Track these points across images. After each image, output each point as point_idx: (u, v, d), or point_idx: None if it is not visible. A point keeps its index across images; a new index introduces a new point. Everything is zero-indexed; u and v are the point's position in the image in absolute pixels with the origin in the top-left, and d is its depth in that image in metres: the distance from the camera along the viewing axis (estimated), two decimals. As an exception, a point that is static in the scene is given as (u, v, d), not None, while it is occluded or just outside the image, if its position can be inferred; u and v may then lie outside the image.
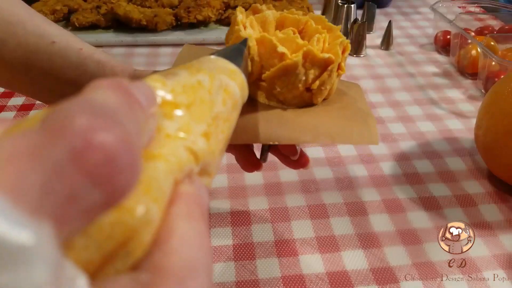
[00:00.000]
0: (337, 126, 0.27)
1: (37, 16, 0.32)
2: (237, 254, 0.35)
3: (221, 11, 0.73)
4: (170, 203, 0.12)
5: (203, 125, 0.16)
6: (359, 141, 0.27)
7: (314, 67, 0.26)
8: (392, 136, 0.49)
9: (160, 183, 0.12)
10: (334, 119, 0.28)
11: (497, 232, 0.37)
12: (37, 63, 0.31)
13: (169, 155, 0.13)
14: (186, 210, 0.12)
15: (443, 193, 0.41)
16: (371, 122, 0.28)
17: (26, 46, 0.30)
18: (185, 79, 0.16)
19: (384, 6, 0.85)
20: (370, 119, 0.28)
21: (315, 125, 0.27)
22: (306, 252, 0.35)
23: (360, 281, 0.32)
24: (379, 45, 0.70)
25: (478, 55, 0.57)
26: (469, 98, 0.56)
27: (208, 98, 0.17)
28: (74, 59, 0.31)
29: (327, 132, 0.27)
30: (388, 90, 0.58)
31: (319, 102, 0.29)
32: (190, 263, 0.11)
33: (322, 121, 0.27)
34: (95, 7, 0.72)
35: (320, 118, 0.27)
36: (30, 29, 0.30)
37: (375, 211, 0.39)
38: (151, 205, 0.11)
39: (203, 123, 0.16)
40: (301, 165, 0.34)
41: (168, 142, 0.14)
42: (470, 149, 0.47)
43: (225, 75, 0.19)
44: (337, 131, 0.27)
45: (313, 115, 0.28)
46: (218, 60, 0.20)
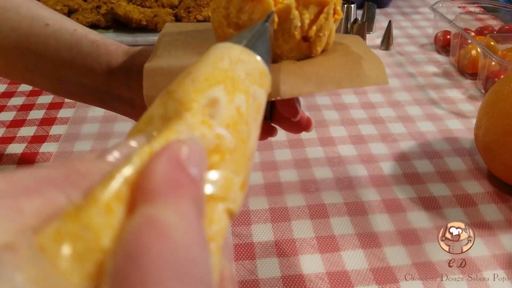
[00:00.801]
0: (341, 71, 0.25)
1: (30, 1, 0.32)
2: (237, 254, 0.35)
3: (221, 11, 0.73)
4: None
5: (242, 174, 0.13)
6: (368, 83, 0.25)
7: (309, 9, 0.24)
8: (392, 136, 0.49)
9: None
10: (338, 65, 0.26)
11: (497, 232, 0.37)
12: (32, 46, 0.30)
13: (216, 234, 0.11)
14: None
15: (443, 193, 0.41)
16: (377, 63, 0.26)
17: (20, 30, 0.30)
18: (226, 110, 0.13)
19: (384, 6, 0.85)
20: (375, 60, 0.26)
21: (318, 74, 0.25)
22: (306, 252, 0.35)
23: (360, 281, 0.32)
24: (379, 45, 0.70)
25: (478, 55, 0.57)
26: (469, 98, 0.56)
27: (246, 132, 0.14)
28: (69, 40, 0.31)
29: (332, 78, 0.24)
30: (388, 90, 0.58)
31: (318, 53, 0.26)
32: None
33: (325, 69, 0.25)
34: (95, 7, 0.72)
35: (322, 66, 0.25)
36: (23, 13, 0.30)
37: (375, 211, 0.39)
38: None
39: (242, 171, 0.13)
40: (304, 127, 0.32)
41: (212, 209, 0.12)
42: (470, 149, 0.47)
43: (256, 85, 0.15)
44: (342, 76, 0.25)
45: (314, 64, 0.25)
46: (248, 56, 0.16)
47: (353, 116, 0.52)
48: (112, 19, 0.70)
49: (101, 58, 0.31)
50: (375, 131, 0.49)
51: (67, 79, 0.32)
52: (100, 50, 0.32)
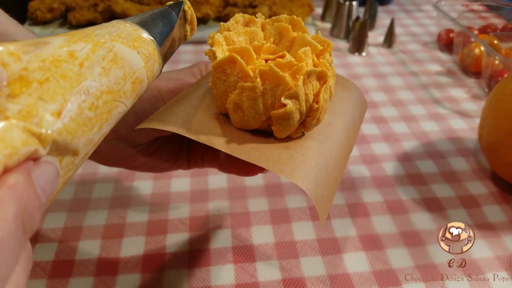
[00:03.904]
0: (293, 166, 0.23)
1: (2, 15, 0.30)
2: (237, 256, 0.34)
3: (220, 9, 0.72)
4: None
5: (56, 103, 0.15)
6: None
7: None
8: (394, 135, 0.48)
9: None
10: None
11: (500, 233, 0.36)
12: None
13: (5, 147, 0.13)
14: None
15: (446, 194, 0.40)
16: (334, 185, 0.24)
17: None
18: (51, 51, 0.16)
19: (386, 3, 0.84)
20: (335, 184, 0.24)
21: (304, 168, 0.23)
22: (307, 254, 0.34)
23: (362, 283, 0.32)
24: (381, 43, 0.69)
25: (481, 53, 0.57)
26: (473, 97, 0.56)
27: (75, 71, 0.16)
28: None
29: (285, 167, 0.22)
30: (390, 89, 0.57)
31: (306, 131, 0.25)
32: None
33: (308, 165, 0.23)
34: (92, 4, 0.71)
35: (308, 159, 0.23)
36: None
37: (377, 212, 0.38)
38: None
39: (57, 101, 0.15)
40: (246, 172, 0.30)
41: (3, 125, 0.13)
42: (473, 149, 0.46)
43: (120, 43, 0.18)
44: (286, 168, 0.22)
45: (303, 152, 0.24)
46: (125, 26, 0.19)
47: (354, 115, 0.51)
48: (109, 17, 0.69)
49: None
50: (378, 130, 0.49)
51: None
52: None
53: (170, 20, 0.22)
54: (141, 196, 0.40)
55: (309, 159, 0.23)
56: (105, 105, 0.17)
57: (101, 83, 0.17)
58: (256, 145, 0.23)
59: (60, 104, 0.15)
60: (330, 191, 0.23)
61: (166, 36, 0.21)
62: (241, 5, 0.73)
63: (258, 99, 0.22)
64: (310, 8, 0.74)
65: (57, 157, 0.15)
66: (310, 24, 0.72)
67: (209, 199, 0.39)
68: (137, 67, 0.18)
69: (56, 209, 0.38)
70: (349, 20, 0.69)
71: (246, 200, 0.39)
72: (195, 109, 0.25)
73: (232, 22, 0.26)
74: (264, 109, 0.23)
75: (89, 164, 0.41)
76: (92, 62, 0.17)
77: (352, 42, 0.66)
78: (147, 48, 0.19)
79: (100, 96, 0.17)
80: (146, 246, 0.35)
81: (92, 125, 0.16)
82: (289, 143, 0.24)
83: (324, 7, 0.77)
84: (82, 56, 0.16)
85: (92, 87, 0.16)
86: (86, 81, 0.16)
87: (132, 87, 0.18)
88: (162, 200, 0.39)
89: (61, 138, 0.15)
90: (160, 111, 0.25)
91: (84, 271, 0.33)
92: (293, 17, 0.27)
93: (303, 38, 0.25)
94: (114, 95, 0.17)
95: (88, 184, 0.41)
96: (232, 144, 0.23)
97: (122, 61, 0.18)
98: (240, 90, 0.22)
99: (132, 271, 0.33)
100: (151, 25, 0.20)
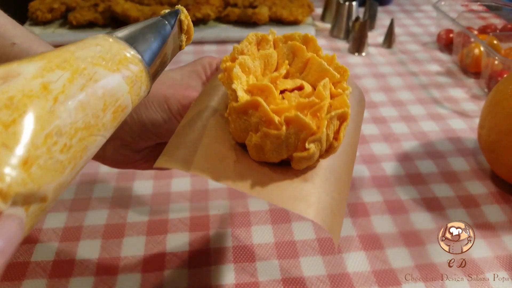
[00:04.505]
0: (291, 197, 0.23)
1: (2, 16, 0.30)
2: (237, 256, 0.34)
3: (220, 9, 0.72)
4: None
5: (22, 150, 0.13)
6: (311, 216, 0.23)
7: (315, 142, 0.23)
8: (394, 135, 0.48)
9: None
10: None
11: (500, 233, 0.36)
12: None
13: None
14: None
15: (446, 194, 0.40)
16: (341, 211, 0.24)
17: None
18: (21, 84, 0.13)
19: (386, 4, 0.84)
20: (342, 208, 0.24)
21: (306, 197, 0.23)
22: (307, 254, 0.34)
23: (361, 283, 0.32)
24: (381, 43, 0.69)
25: (481, 54, 0.57)
26: (472, 97, 0.56)
27: (47, 108, 0.14)
28: None
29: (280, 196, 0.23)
30: (390, 89, 0.57)
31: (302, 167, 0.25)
32: None
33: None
34: (92, 5, 0.71)
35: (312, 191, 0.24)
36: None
37: (377, 212, 0.38)
38: None
39: (23, 147, 0.13)
40: None
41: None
42: (473, 149, 0.46)
43: (103, 68, 0.15)
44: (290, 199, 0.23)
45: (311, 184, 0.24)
46: (110, 45, 0.16)
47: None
48: (109, 17, 0.69)
49: None
50: (377, 130, 0.49)
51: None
52: None
53: (163, 34, 0.20)
54: (141, 196, 0.40)
55: (324, 191, 0.24)
56: (80, 143, 0.15)
57: (77, 119, 0.14)
58: (276, 184, 0.23)
59: (27, 151, 0.13)
60: (342, 212, 0.24)
61: (157, 53, 0.19)
62: (241, 6, 0.73)
63: (282, 143, 0.22)
64: (310, 8, 0.74)
65: (22, 206, 0.13)
66: (310, 24, 0.72)
67: (209, 199, 0.39)
68: (120, 93, 0.16)
69: (56, 209, 0.38)
70: (349, 20, 0.69)
71: (246, 200, 0.39)
72: (210, 140, 0.24)
73: (245, 43, 0.25)
74: (287, 150, 0.23)
75: (90, 164, 0.42)
76: (68, 95, 0.14)
77: (352, 42, 0.66)
78: (133, 71, 0.17)
79: (75, 134, 0.14)
80: (146, 246, 0.35)
81: (63, 168, 0.14)
82: (306, 175, 0.24)
83: (324, 8, 0.77)
84: (57, 89, 0.14)
85: (66, 125, 0.14)
86: (59, 120, 0.14)
87: (113, 117, 0.16)
88: (163, 200, 0.39)
89: (26, 189, 0.13)
90: (174, 142, 0.24)
91: (84, 271, 0.33)
92: (306, 35, 0.27)
93: (320, 65, 0.25)
94: (92, 130, 0.15)
95: (88, 184, 0.41)
96: (256, 186, 0.22)
97: (103, 89, 0.16)
98: (263, 134, 0.22)
99: (132, 271, 0.33)
100: (140, 40, 0.18)
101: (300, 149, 0.23)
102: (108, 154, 0.30)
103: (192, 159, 0.23)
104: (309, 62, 0.26)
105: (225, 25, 0.71)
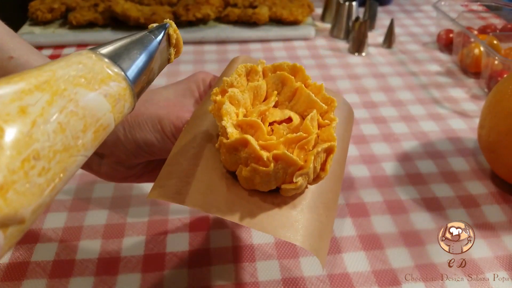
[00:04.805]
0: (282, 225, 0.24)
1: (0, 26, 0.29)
2: (237, 256, 0.34)
3: (220, 9, 0.72)
4: None
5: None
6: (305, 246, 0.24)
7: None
8: (394, 135, 0.48)
9: None
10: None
11: (500, 233, 0.36)
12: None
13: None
14: None
15: (446, 194, 0.40)
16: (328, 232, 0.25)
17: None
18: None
19: (386, 4, 0.84)
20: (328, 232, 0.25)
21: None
22: (306, 254, 0.34)
23: (361, 283, 0.32)
24: (381, 43, 0.69)
25: (481, 54, 0.57)
26: (472, 97, 0.56)
27: (24, 133, 0.13)
28: None
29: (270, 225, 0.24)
30: (390, 89, 0.57)
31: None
32: None
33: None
34: (92, 5, 0.71)
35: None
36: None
37: (377, 212, 0.38)
38: None
39: (0, 173, 0.13)
40: None
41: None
42: (473, 149, 0.46)
43: (85, 88, 0.15)
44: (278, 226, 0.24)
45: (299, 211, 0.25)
46: (94, 63, 0.16)
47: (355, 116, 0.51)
48: (109, 17, 0.69)
49: None
50: (377, 130, 0.49)
51: None
52: None
53: (149, 49, 0.19)
54: (141, 196, 0.40)
55: (311, 216, 0.25)
56: (58, 165, 0.14)
57: (55, 142, 0.14)
58: (266, 213, 0.24)
59: (3, 177, 0.13)
60: (330, 233, 0.26)
61: (142, 69, 0.19)
62: (241, 6, 0.73)
63: (270, 177, 0.23)
64: (310, 8, 0.74)
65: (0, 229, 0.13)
66: (310, 24, 0.73)
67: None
68: (102, 113, 0.16)
69: (56, 209, 0.38)
70: (349, 20, 0.69)
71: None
72: (201, 169, 0.25)
73: (235, 76, 0.26)
74: (275, 182, 0.24)
75: (90, 164, 0.42)
76: (47, 118, 0.14)
77: (352, 42, 0.66)
78: (116, 89, 0.17)
79: (53, 157, 0.14)
80: (146, 246, 0.35)
81: (41, 191, 0.14)
82: (295, 201, 0.25)
83: (324, 8, 0.77)
84: (36, 112, 0.14)
85: (44, 148, 0.14)
86: (37, 143, 0.14)
87: (94, 137, 0.16)
88: (162, 200, 0.39)
89: (2, 214, 0.13)
90: (166, 171, 0.25)
91: (84, 270, 0.33)
92: (295, 65, 0.28)
93: (308, 96, 0.26)
94: (71, 151, 0.15)
95: (88, 184, 0.41)
96: (246, 217, 0.23)
97: (83, 110, 0.15)
98: (252, 169, 0.23)
99: (132, 271, 0.33)
100: (125, 57, 0.18)
101: (288, 181, 0.24)
102: (103, 170, 0.31)
103: (185, 190, 0.24)
104: (298, 92, 0.27)
105: (225, 25, 0.71)
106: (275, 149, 0.23)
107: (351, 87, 0.57)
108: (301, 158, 0.23)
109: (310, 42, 0.70)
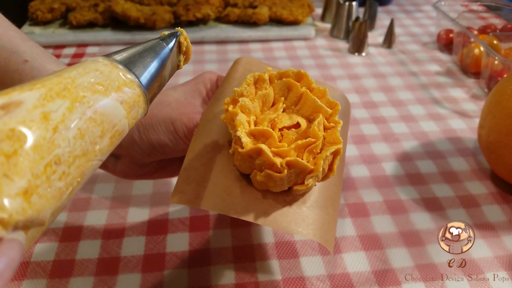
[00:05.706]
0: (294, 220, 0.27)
1: (12, 30, 0.29)
2: (237, 256, 0.34)
3: (220, 9, 0.72)
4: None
5: (22, 180, 0.13)
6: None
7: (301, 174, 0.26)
8: (394, 135, 0.48)
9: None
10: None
11: (500, 233, 0.36)
12: (6, 82, 0.28)
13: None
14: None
15: (446, 194, 0.40)
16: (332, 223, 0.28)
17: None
18: (23, 115, 0.14)
19: (386, 4, 0.84)
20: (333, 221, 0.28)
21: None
22: (307, 254, 0.34)
23: (361, 283, 0.32)
24: (381, 43, 0.69)
25: (481, 54, 0.57)
26: (472, 97, 0.56)
27: (47, 138, 0.14)
28: None
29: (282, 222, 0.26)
30: (390, 89, 0.57)
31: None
32: None
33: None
34: (93, 5, 0.71)
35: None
36: (2, 44, 0.28)
37: (377, 212, 0.38)
38: None
39: (24, 177, 0.13)
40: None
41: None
42: (473, 149, 0.46)
43: (103, 95, 0.16)
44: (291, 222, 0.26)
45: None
46: (110, 70, 0.17)
47: (355, 116, 0.51)
48: (110, 17, 0.69)
49: None
50: (377, 130, 0.49)
51: None
52: None
53: (161, 57, 0.20)
54: (141, 196, 0.40)
55: (320, 210, 0.27)
56: (77, 169, 0.15)
57: (75, 147, 0.15)
58: (278, 212, 0.26)
59: (27, 181, 0.13)
60: (336, 222, 0.28)
61: (155, 76, 0.19)
62: (241, 6, 0.73)
63: (284, 181, 0.25)
64: (310, 8, 0.74)
65: (22, 230, 0.14)
66: (310, 24, 0.73)
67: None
68: (118, 119, 0.17)
69: (56, 209, 0.38)
70: (349, 20, 0.69)
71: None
72: (217, 173, 0.27)
73: (244, 85, 0.28)
74: (288, 184, 0.26)
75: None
76: (67, 124, 0.15)
77: (352, 42, 0.66)
78: (131, 95, 0.17)
79: (73, 162, 0.15)
80: (146, 246, 0.35)
81: (61, 194, 0.15)
82: (304, 198, 0.27)
83: (324, 8, 0.77)
84: (57, 118, 0.14)
85: (65, 154, 0.15)
86: (58, 149, 0.14)
87: (110, 142, 0.17)
88: (162, 200, 0.39)
89: (26, 217, 0.13)
90: (184, 176, 0.27)
91: (84, 270, 0.33)
92: (299, 71, 0.29)
93: (314, 102, 0.28)
94: (89, 156, 0.16)
95: (88, 184, 0.41)
96: (260, 216, 0.26)
97: (101, 116, 0.16)
98: (267, 174, 0.25)
99: (132, 271, 0.33)
100: (139, 64, 0.18)
101: (299, 183, 0.26)
102: (119, 169, 0.33)
103: (202, 194, 0.26)
104: (303, 97, 0.28)
105: (225, 25, 0.71)
106: (287, 155, 0.25)
107: (351, 87, 0.57)
108: (310, 161, 0.25)
109: (310, 42, 0.70)
